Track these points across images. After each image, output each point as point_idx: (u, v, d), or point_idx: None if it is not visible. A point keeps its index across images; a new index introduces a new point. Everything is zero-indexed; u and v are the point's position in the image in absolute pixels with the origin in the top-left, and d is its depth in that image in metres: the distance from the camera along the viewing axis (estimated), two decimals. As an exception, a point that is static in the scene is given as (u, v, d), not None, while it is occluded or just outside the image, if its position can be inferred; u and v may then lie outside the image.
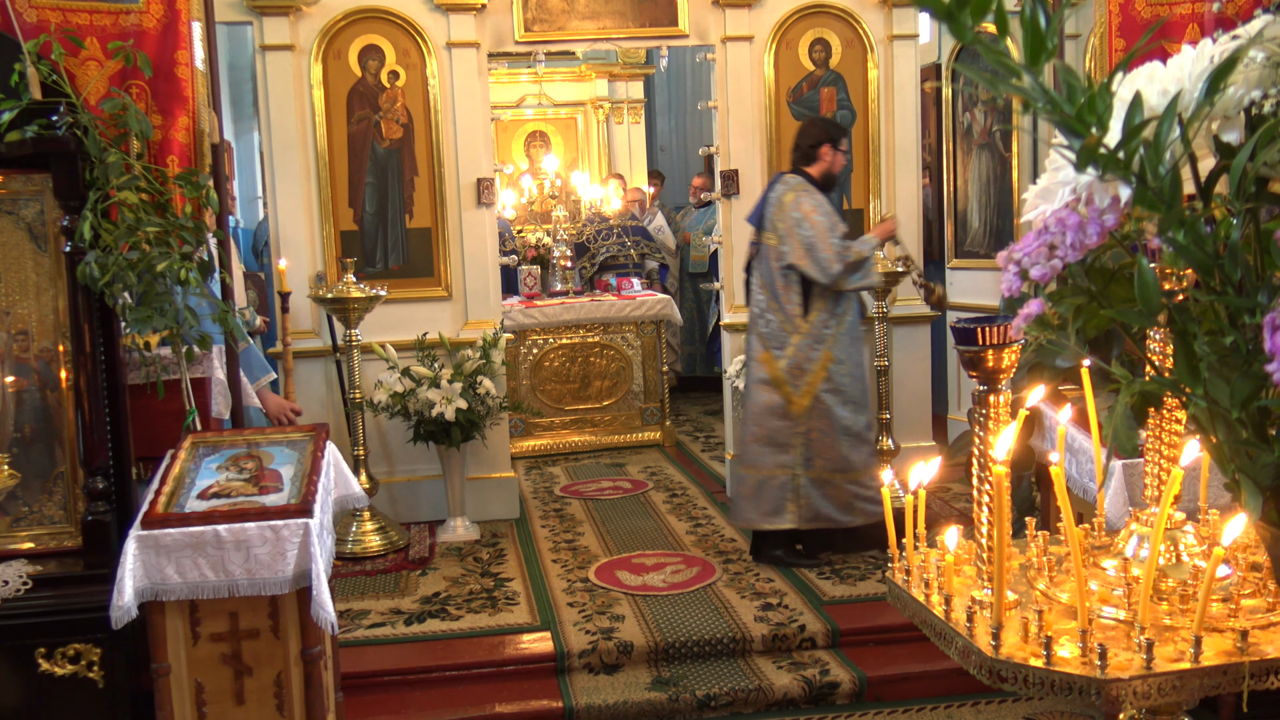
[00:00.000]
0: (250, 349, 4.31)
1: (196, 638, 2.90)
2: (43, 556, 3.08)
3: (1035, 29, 0.80)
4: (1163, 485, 1.91)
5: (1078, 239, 0.97)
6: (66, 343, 3.09)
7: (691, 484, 6.44)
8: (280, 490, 3.01)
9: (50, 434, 3.13)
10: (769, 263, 4.79)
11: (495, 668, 4.05)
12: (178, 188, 3.34)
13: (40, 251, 3.09)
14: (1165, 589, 1.81)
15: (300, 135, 5.48)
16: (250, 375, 4.19)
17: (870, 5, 5.86)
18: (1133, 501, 2.97)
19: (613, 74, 10.20)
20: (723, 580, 4.71)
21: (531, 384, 7.28)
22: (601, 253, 8.54)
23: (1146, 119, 0.86)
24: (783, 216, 4.73)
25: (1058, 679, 1.64)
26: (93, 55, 3.40)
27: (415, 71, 5.55)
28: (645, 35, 5.88)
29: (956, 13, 0.79)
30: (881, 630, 4.15)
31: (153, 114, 3.42)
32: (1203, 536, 1.93)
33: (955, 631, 1.80)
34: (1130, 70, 1.08)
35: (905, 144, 5.95)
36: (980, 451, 1.96)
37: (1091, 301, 1.04)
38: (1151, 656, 1.61)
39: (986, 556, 1.92)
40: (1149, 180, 0.87)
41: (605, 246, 8.56)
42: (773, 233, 4.77)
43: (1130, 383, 1.05)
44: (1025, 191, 1.17)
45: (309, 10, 5.42)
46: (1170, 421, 1.92)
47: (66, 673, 2.98)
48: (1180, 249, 0.89)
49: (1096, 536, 2.09)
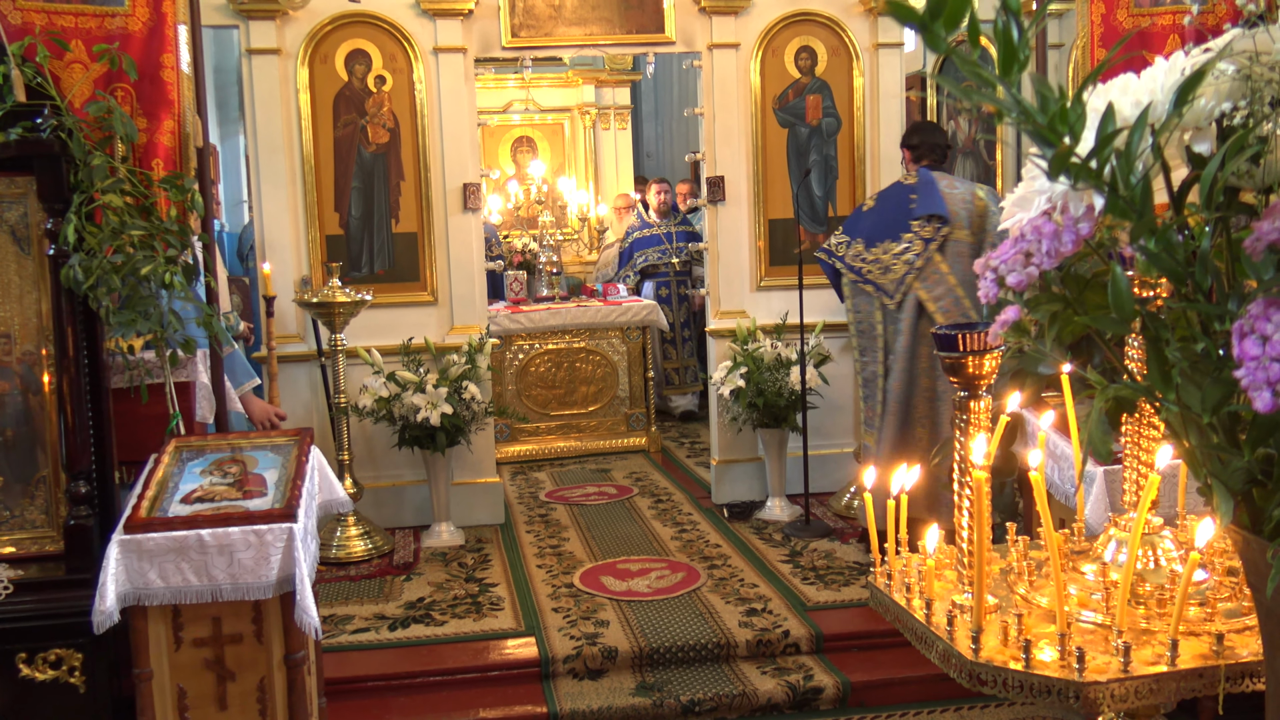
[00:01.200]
0: (235, 354, 4.30)
1: (179, 643, 2.89)
2: (24, 561, 3.06)
3: (1008, 41, 0.82)
4: (1141, 491, 1.93)
5: (1053, 247, 0.98)
6: (49, 346, 3.08)
7: (677, 489, 6.45)
8: (264, 495, 3.01)
9: (32, 437, 3.12)
10: (966, 261, 4.79)
11: (480, 673, 4.04)
12: (163, 191, 3.34)
13: (23, 254, 3.08)
14: (1143, 593, 1.83)
15: (286, 139, 5.48)
16: (234, 380, 4.18)
17: (856, 14, 5.89)
18: (1114, 507, 3.00)
19: (599, 80, 10.23)
20: (707, 586, 4.72)
21: (517, 389, 7.28)
22: (640, 260, 8.48)
23: (1118, 129, 0.88)
24: (984, 212, 4.82)
25: (1036, 682, 1.65)
26: (78, 58, 3.39)
27: (402, 76, 5.55)
28: (632, 42, 5.90)
29: (931, 24, 0.81)
30: (865, 635, 4.17)
31: (138, 117, 3.42)
32: (1180, 541, 1.95)
33: (936, 635, 1.81)
34: (1105, 80, 1.10)
35: (890, 151, 5.98)
36: (961, 456, 1.98)
37: (1067, 308, 1.06)
38: (1129, 660, 1.63)
39: (967, 561, 1.94)
40: (1120, 189, 0.88)
41: (645, 255, 8.48)
42: (967, 229, 4.81)
43: (1105, 388, 1.06)
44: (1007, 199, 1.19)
45: (296, 14, 5.42)
46: (1148, 428, 1.94)
47: (47, 678, 2.96)
48: (1152, 257, 0.91)
49: (1076, 542, 2.11)
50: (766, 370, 5.54)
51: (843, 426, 6.06)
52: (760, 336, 5.77)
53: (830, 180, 5.99)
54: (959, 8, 0.80)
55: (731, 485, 6.01)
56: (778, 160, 5.93)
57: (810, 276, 5.62)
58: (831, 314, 5.93)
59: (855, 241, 4.95)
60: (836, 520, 5.59)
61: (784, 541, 5.31)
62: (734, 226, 5.91)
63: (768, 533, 5.47)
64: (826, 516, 5.65)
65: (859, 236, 4.95)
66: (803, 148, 5.94)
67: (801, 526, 5.43)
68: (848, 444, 6.01)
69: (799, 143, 5.94)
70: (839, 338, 5.96)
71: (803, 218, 5.88)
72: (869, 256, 4.89)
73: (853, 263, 4.94)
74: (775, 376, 5.51)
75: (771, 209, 5.94)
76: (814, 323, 5.75)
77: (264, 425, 4.36)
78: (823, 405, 5.88)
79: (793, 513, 5.66)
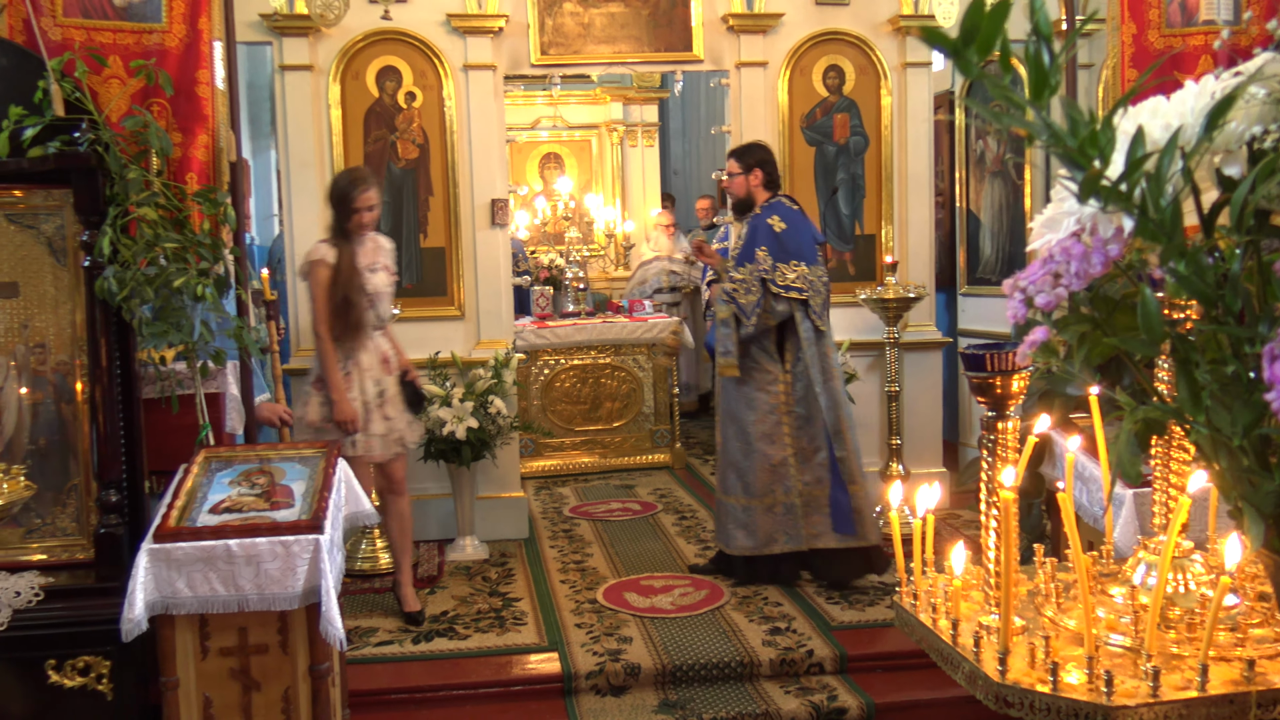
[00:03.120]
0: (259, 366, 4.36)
1: (205, 652, 2.91)
2: (55, 568, 3.10)
3: (1039, 65, 0.82)
4: (1170, 514, 1.91)
5: (1082, 268, 0.98)
6: (83, 356, 3.13)
7: (701, 507, 6.43)
8: (291, 506, 3.03)
9: (65, 446, 3.16)
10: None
11: (502, 687, 4.04)
12: (196, 204, 3.38)
13: (59, 265, 3.14)
14: (1172, 617, 1.81)
15: (317, 154, 5.54)
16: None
17: (884, 33, 5.90)
18: (1143, 530, 2.97)
19: (627, 97, 10.27)
20: (731, 603, 4.70)
21: (542, 404, 7.30)
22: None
23: (1148, 152, 0.88)
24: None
25: (1064, 705, 1.64)
26: (115, 73, 3.45)
27: (432, 93, 5.60)
28: (660, 60, 5.93)
29: (963, 49, 0.81)
30: (890, 656, 4.14)
31: (173, 132, 3.47)
32: (1211, 565, 1.93)
33: (962, 656, 1.80)
34: (1137, 103, 1.10)
35: (918, 171, 5.98)
36: (988, 477, 1.97)
37: (1096, 329, 1.06)
38: (1158, 684, 1.61)
39: (994, 582, 1.93)
40: (1150, 212, 0.88)
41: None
42: None
43: (1134, 410, 1.06)
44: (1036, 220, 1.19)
45: (328, 31, 5.49)
46: (1178, 450, 1.92)
47: (76, 685, 2.99)
48: (1181, 279, 0.91)
49: (1104, 564, 2.09)
50: (792, 388, 5.52)
51: (868, 445, 6.03)
52: (786, 354, 5.75)
53: (857, 199, 5.98)
54: (991, 33, 0.81)
55: (756, 503, 5.98)
56: (805, 178, 5.93)
57: (837, 295, 5.61)
58: (858, 332, 5.92)
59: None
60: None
61: (808, 560, 5.28)
62: (760, 244, 5.90)
63: (792, 551, 5.44)
64: (851, 535, 5.61)
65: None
66: (830, 166, 5.95)
67: (826, 545, 5.39)
68: (873, 463, 5.97)
69: (826, 161, 5.95)
70: (866, 356, 5.95)
71: (830, 236, 5.88)
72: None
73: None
74: (801, 394, 5.49)
75: (798, 227, 5.93)
76: (840, 341, 5.73)
77: (273, 423, 4.45)
78: (848, 424, 5.86)
79: (817, 531, 5.63)
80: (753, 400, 4.84)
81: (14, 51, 3.22)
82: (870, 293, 5.58)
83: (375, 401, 4.44)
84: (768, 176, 4.90)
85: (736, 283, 4.77)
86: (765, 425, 4.82)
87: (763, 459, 4.82)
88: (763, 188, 4.91)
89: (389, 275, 4.52)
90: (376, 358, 4.47)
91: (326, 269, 4.36)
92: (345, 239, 4.40)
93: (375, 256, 4.47)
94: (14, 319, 3.13)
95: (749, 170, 4.90)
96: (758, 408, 4.82)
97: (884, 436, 5.86)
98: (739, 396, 4.86)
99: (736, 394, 4.87)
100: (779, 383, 4.85)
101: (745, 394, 4.85)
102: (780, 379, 4.85)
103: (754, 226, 4.85)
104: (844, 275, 5.95)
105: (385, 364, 4.49)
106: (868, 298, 5.57)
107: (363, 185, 4.37)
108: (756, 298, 4.73)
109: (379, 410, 4.45)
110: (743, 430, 4.85)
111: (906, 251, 5.98)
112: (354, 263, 4.36)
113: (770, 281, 4.72)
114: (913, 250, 5.99)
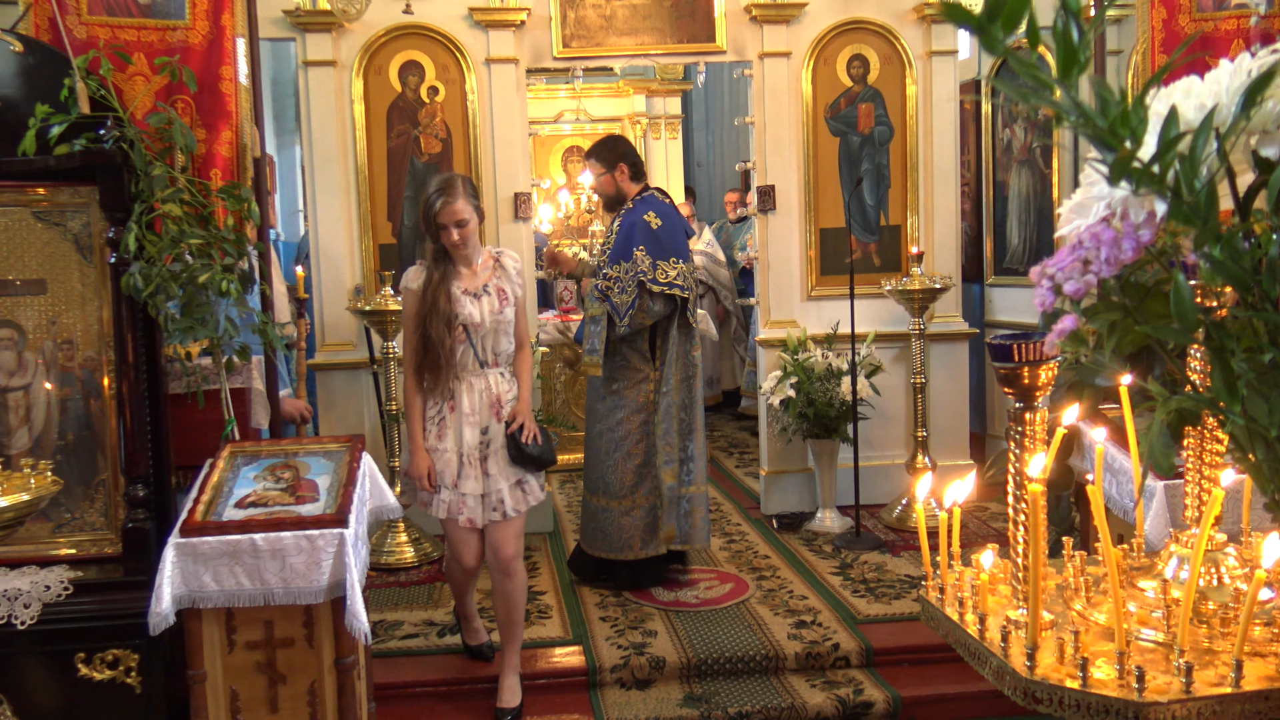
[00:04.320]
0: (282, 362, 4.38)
1: (232, 645, 2.93)
2: (83, 562, 3.13)
3: (1068, 42, 0.80)
4: (1203, 506, 1.87)
5: (1112, 254, 0.96)
6: (110, 352, 3.15)
7: (726, 499, 6.41)
8: (316, 500, 3.04)
9: (92, 442, 3.19)
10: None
11: (527, 681, 4.04)
12: (220, 201, 3.40)
13: (86, 262, 3.16)
14: (1205, 612, 1.78)
15: (341, 149, 5.56)
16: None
17: (909, 21, 5.84)
18: (1174, 523, 2.92)
19: (650, 90, 10.24)
20: (756, 597, 4.68)
21: (566, 398, 7.30)
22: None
23: (1181, 133, 0.85)
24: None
25: (1094, 701, 1.61)
26: (140, 70, 3.47)
27: (454, 87, 5.60)
28: (683, 51, 5.90)
29: (988, 26, 0.79)
30: (916, 650, 4.11)
31: (197, 128, 3.49)
32: (1245, 559, 1.89)
33: (989, 651, 1.78)
34: (1168, 84, 1.07)
35: (944, 160, 5.92)
36: (1016, 469, 1.94)
37: (1127, 318, 1.03)
38: (1191, 680, 1.58)
39: (1022, 576, 1.90)
40: (1184, 195, 0.85)
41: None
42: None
43: (1166, 400, 1.03)
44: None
45: (351, 27, 5.50)
46: (1211, 441, 1.89)
47: (105, 678, 3.02)
48: (1217, 264, 0.88)
49: (1135, 558, 2.06)
50: (817, 380, 5.49)
51: (894, 438, 6.00)
52: (811, 346, 5.73)
53: (882, 189, 5.93)
54: (1017, 9, 0.78)
55: (781, 496, 5.96)
56: (829, 169, 5.89)
57: (862, 286, 5.58)
58: (883, 324, 5.88)
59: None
60: (887, 533, 5.52)
61: (834, 553, 5.26)
62: (784, 236, 5.87)
63: (817, 544, 5.42)
64: (877, 529, 5.58)
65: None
66: (854, 156, 5.90)
67: (852, 538, 5.37)
68: (899, 455, 5.94)
69: (851, 151, 5.90)
70: (891, 348, 5.90)
71: (854, 227, 5.84)
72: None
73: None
74: (826, 387, 5.47)
75: (823, 218, 5.90)
76: (865, 332, 5.70)
77: (294, 419, 4.44)
78: (874, 416, 5.83)
79: (843, 524, 5.61)
80: (621, 399, 4.69)
81: (40, 50, 3.24)
82: (896, 284, 5.53)
83: (476, 454, 3.74)
84: (633, 169, 4.81)
85: (611, 280, 4.62)
86: (632, 425, 4.69)
87: (626, 460, 4.70)
88: (630, 181, 4.80)
89: (503, 301, 3.76)
90: (485, 400, 3.74)
91: (412, 297, 3.73)
92: (445, 259, 3.73)
93: (485, 278, 3.76)
94: (42, 315, 3.15)
95: (613, 167, 4.79)
96: (625, 406, 4.69)
97: (910, 429, 5.82)
98: (607, 395, 4.73)
99: (604, 392, 4.73)
100: (649, 381, 4.73)
101: (613, 392, 4.71)
102: (650, 377, 4.73)
103: (629, 223, 4.67)
104: (869, 266, 5.90)
105: (496, 407, 3.76)
106: (893, 289, 5.53)
107: (445, 196, 3.63)
108: (632, 297, 4.56)
109: (478, 465, 3.75)
110: (609, 430, 4.71)
111: (932, 242, 5.92)
112: (443, 289, 3.67)
113: (651, 281, 4.55)
114: (938, 241, 5.94)
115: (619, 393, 4.71)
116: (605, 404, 4.73)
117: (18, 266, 3.13)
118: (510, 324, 3.81)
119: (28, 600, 2.95)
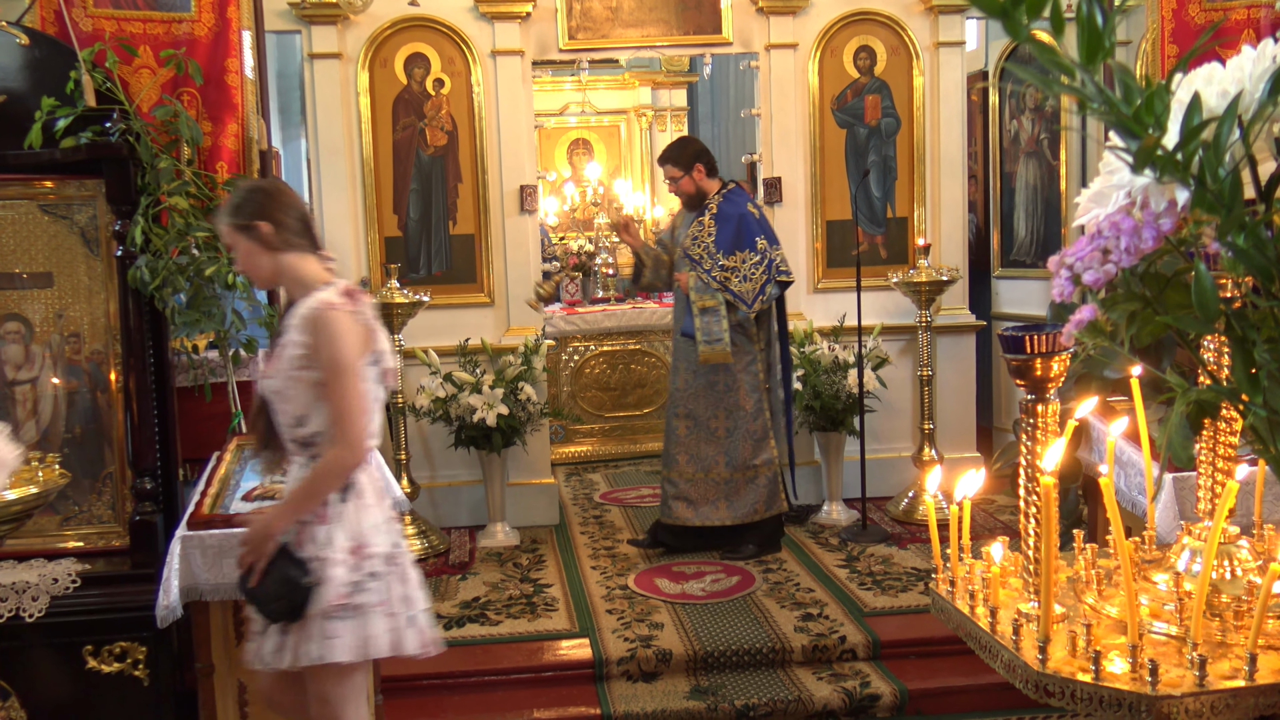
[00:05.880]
0: None
1: (240, 637, 2.93)
2: (91, 555, 3.13)
3: (1092, 28, 0.79)
4: (1216, 498, 1.86)
5: (1132, 243, 0.95)
6: (117, 345, 3.15)
7: (732, 492, 6.40)
8: (323, 493, 3.03)
9: (100, 435, 3.19)
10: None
11: (534, 673, 4.05)
12: (227, 193, 3.39)
13: (92, 255, 3.15)
14: (1219, 604, 1.77)
15: (347, 142, 5.55)
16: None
17: (916, 12, 5.81)
18: (1182, 515, 2.91)
19: (656, 81, 10.21)
20: (762, 590, 4.68)
21: (572, 391, 7.29)
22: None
23: (1206, 120, 0.84)
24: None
25: (1106, 694, 1.60)
26: (146, 63, 3.47)
27: (460, 79, 5.59)
28: (689, 43, 5.88)
29: (1011, 10, 0.78)
30: (923, 643, 4.10)
31: (203, 121, 3.48)
32: (1258, 551, 1.88)
33: (1001, 645, 1.77)
34: (1187, 72, 1.06)
35: (950, 152, 5.89)
36: (1028, 462, 1.93)
37: (1146, 308, 1.02)
38: (1204, 673, 1.57)
39: (1033, 569, 1.89)
40: (1208, 183, 0.84)
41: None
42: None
43: (1186, 391, 1.02)
44: (1074, 199, 1.15)
45: (356, 19, 5.49)
46: (1224, 433, 1.87)
47: (113, 670, 3.02)
48: (1240, 254, 0.87)
49: (1146, 550, 2.05)
50: (823, 373, 5.48)
51: (901, 430, 5.98)
52: (817, 339, 5.71)
53: (889, 181, 5.91)
54: (1042, -7, 0.77)
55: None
56: (835, 161, 5.87)
57: (869, 278, 5.56)
58: (890, 316, 5.86)
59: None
60: (894, 525, 5.52)
61: (841, 546, 5.25)
62: (791, 228, 5.86)
63: (824, 537, 5.41)
64: (884, 521, 5.57)
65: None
66: (861, 148, 5.88)
67: (858, 531, 5.36)
68: (906, 448, 5.93)
69: (857, 143, 5.88)
70: (898, 340, 5.89)
71: (861, 219, 5.82)
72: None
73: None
74: (832, 379, 5.46)
75: (829, 210, 5.89)
76: (872, 325, 5.69)
77: None
78: (880, 409, 5.81)
79: (850, 517, 5.60)
80: (736, 381, 4.98)
81: (46, 42, 3.23)
82: (902, 276, 5.51)
83: None
84: (708, 167, 5.02)
85: (728, 270, 4.86)
86: (751, 403, 5.00)
87: (746, 435, 5.01)
88: (708, 178, 5.02)
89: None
90: None
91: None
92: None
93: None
94: (49, 309, 3.15)
95: (690, 168, 4.99)
96: (740, 387, 4.99)
97: (916, 421, 5.80)
98: (723, 380, 4.98)
99: (719, 378, 4.98)
100: (758, 361, 5.05)
101: (730, 376, 4.97)
102: (759, 358, 5.06)
103: (734, 215, 4.92)
104: (876, 259, 5.89)
105: None
106: (900, 281, 5.51)
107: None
108: (760, 284, 4.87)
109: None
110: (729, 413, 5.00)
111: (939, 234, 5.90)
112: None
113: (778, 268, 4.90)
114: (945, 233, 5.92)
115: (735, 376, 4.98)
116: (720, 390, 5.00)
117: (24, 260, 3.13)
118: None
119: (36, 593, 2.96)
